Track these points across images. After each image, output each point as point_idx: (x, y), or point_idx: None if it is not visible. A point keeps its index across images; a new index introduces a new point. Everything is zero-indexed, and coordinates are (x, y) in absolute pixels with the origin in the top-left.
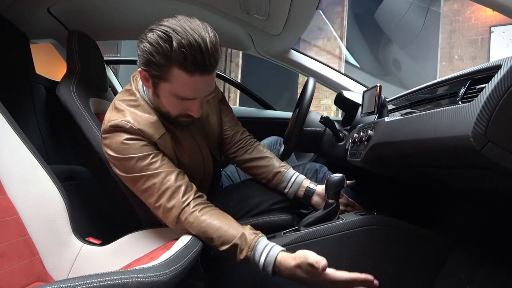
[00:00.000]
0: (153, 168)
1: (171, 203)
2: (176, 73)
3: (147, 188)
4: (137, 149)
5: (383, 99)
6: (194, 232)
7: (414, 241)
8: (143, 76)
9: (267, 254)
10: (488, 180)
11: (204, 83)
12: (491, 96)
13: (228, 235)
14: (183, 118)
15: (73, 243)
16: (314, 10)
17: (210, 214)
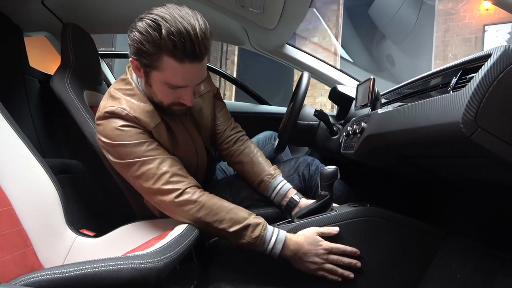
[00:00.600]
0: (149, 155)
1: (169, 186)
2: (166, 61)
3: (142, 174)
4: (133, 136)
5: (376, 92)
6: (203, 213)
7: (406, 232)
8: (135, 66)
9: (278, 233)
10: (479, 169)
11: (194, 70)
12: (480, 84)
13: (239, 217)
14: (176, 107)
15: (67, 235)
16: (309, 4)
17: (217, 198)
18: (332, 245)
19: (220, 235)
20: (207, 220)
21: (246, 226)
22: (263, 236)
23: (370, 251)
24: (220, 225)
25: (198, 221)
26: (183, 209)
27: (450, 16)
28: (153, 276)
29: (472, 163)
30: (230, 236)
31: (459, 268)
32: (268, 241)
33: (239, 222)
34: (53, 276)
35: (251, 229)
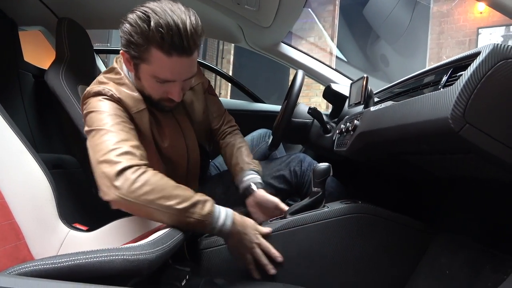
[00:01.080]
0: (117, 128)
1: (119, 158)
2: (154, 53)
3: (99, 143)
4: (111, 108)
5: (369, 91)
6: (147, 189)
7: (397, 229)
8: (125, 58)
9: (225, 209)
10: (468, 166)
11: (182, 65)
12: (469, 80)
13: (187, 194)
14: (165, 102)
15: (60, 229)
16: (303, 2)
17: (162, 175)
18: (263, 241)
19: (164, 216)
20: (150, 198)
21: (195, 203)
22: (213, 212)
23: (361, 247)
24: (167, 201)
25: (140, 199)
26: (124, 185)
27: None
28: (145, 268)
29: (461, 160)
30: (176, 215)
31: (448, 263)
32: (217, 217)
33: (188, 199)
34: (45, 266)
35: (200, 205)
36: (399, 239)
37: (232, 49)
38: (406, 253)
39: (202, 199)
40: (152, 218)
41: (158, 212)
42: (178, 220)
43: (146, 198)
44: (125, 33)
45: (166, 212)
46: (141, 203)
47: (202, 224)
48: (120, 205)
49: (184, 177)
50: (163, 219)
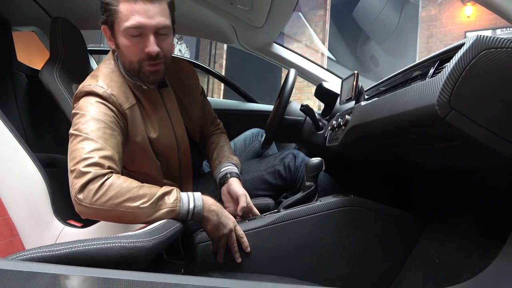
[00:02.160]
0: (96, 135)
1: (87, 169)
2: (122, 6)
3: (74, 150)
4: (98, 111)
5: (360, 87)
6: (112, 193)
7: (388, 221)
8: (107, 36)
9: (193, 194)
10: (455, 153)
11: (148, 8)
12: (454, 69)
13: (152, 190)
14: (147, 64)
15: (54, 225)
16: (295, 2)
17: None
18: (239, 229)
19: (135, 216)
20: (116, 201)
21: (162, 195)
22: (181, 198)
23: (353, 240)
24: (133, 203)
25: (106, 205)
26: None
27: (433, 22)
28: (142, 255)
29: (448, 148)
30: (147, 212)
31: (438, 253)
32: (187, 202)
33: (154, 194)
34: (42, 254)
35: (167, 196)
36: (390, 231)
37: (224, 53)
38: (397, 244)
39: (167, 190)
40: (124, 221)
41: (127, 213)
42: (150, 217)
43: (112, 202)
44: (101, 2)
45: (135, 212)
46: (108, 209)
47: (174, 212)
48: (88, 215)
49: (177, 173)
50: (135, 219)
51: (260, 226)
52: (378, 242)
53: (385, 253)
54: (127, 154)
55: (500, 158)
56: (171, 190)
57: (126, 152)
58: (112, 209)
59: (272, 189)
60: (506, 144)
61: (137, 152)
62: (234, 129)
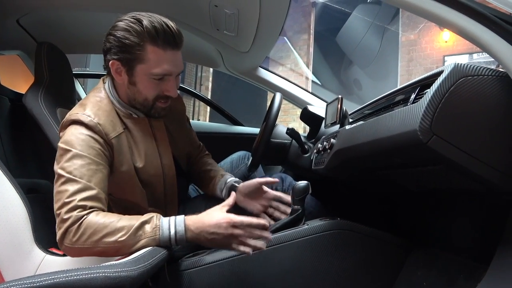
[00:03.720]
0: (79, 174)
1: (68, 214)
2: (150, 50)
3: (59, 191)
4: (82, 146)
5: (344, 111)
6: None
7: (375, 244)
8: (115, 69)
9: (175, 219)
10: (438, 177)
11: (176, 57)
12: (434, 95)
13: (131, 222)
14: (160, 102)
15: (35, 253)
16: (280, 28)
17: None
18: (236, 219)
19: (116, 250)
20: (95, 238)
21: (141, 225)
22: (161, 224)
23: (341, 263)
24: (112, 237)
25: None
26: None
27: (413, 47)
28: (127, 285)
29: (431, 172)
30: (127, 244)
31: (424, 275)
32: (168, 228)
33: (132, 225)
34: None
35: (146, 224)
36: (377, 254)
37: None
38: (385, 267)
39: (146, 219)
40: (108, 255)
41: (109, 248)
42: (131, 248)
43: (91, 240)
44: (116, 39)
45: (115, 246)
46: (89, 246)
47: (154, 240)
48: (73, 255)
49: (162, 200)
50: (118, 252)
51: None
52: (365, 265)
53: (372, 277)
54: (113, 182)
55: (482, 181)
56: (150, 218)
57: (111, 180)
58: (93, 247)
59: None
60: (486, 167)
61: (122, 180)
62: (220, 152)
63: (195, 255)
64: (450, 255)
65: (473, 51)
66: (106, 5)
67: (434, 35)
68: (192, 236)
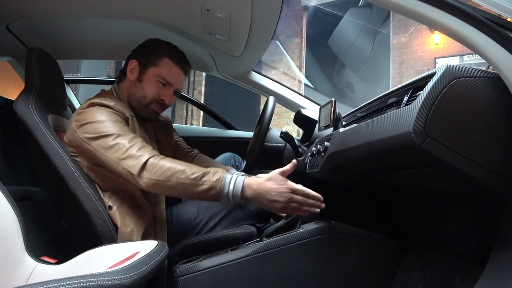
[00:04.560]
0: (123, 130)
1: (140, 151)
2: (166, 61)
3: (115, 144)
4: (110, 115)
5: (338, 113)
6: (168, 165)
7: (370, 246)
8: (131, 67)
9: (236, 177)
10: (432, 179)
11: (181, 77)
12: (427, 97)
13: (197, 168)
14: (154, 105)
15: (26, 262)
16: (273, 32)
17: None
18: (296, 186)
19: (183, 188)
20: (169, 174)
21: (206, 172)
22: (223, 178)
23: (336, 266)
24: (182, 174)
25: (163, 177)
26: (149, 171)
27: (404, 49)
28: None
29: (425, 174)
30: (191, 184)
31: (420, 278)
32: (228, 183)
33: (200, 170)
34: None
35: (211, 173)
36: (373, 257)
37: (203, 80)
38: (380, 270)
39: (212, 170)
40: (175, 192)
41: (179, 184)
42: (196, 189)
43: (166, 174)
44: (147, 45)
45: (185, 182)
46: (164, 179)
47: (214, 191)
48: (150, 186)
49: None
50: (185, 190)
51: (243, 256)
52: (361, 268)
53: (368, 279)
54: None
55: (475, 183)
56: (216, 171)
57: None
58: (167, 180)
59: (253, 216)
60: (480, 169)
61: None
62: (214, 156)
63: (190, 261)
64: (445, 256)
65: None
66: (97, 11)
67: (425, 38)
68: (251, 195)
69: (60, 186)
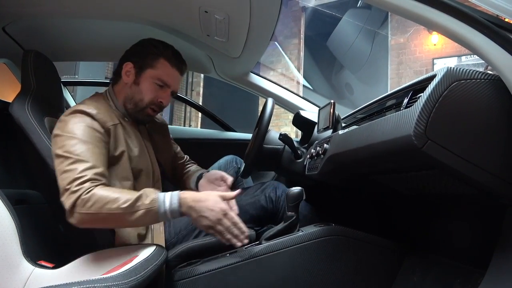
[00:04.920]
0: (85, 156)
1: (80, 186)
2: (162, 62)
3: (67, 170)
4: (84, 132)
5: (337, 115)
6: (95, 198)
7: (370, 249)
8: (126, 70)
9: (170, 194)
10: (432, 182)
11: (178, 78)
12: (428, 100)
13: (130, 194)
14: (151, 109)
15: (24, 267)
16: (271, 33)
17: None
18: (229, 212)
19: (117, 218)
20: (98, 205)
21: (139, 197)
22: (157, 198)
23: (336, 269)
24: (113, 204)
25: (91, 209)
26: (79, 205)
27: (402, 50)
28: None
29: (426, 176)
30: (126, 213)
31: (420, 282)
32: (163, 200)
33: (131, 196)
34: None
35: (144, 197)
36: (373, 260)
37: (201, 81)
38: (380, 273)
39: (145, 192)
40: (109, 224)
41: (111, 215)
42: (130, 218)
43: (96, 206)
44: (142, 46)
45: (116, 213)
46: (94, 212)
47: (151, 212)
48: (82, 221)
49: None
50: (119, 221)
51: (242, 259)
52: (361, 271)
53: (368, 282)
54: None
55: (477, 185)
56: (149, 192)
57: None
58: (97, 212)
59: (253, 220)
60: (481, 171)
61: (117, 166)
62: (212, 158)
63: (188, 265)
64: (446, 259)
65: (461, 53)
66: (94, 13)
67: (423, 38)
68: (185, 210)
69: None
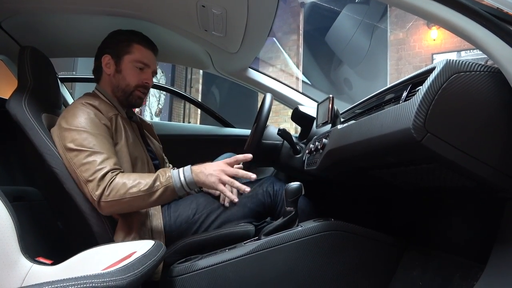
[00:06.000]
0: (98, 148)
1: (106, 176)
2: (136, 46)
3: (86, 163)
4: (90, 125)
5: (336, 110)
6: (121, 182)
7: (369, 244)
8: (106, 62)
9: (183, 168)
10: (432, 175)
11: (154, 59)
12: (427, 93)
13: (149, 175)
14: (139, 91)
15: (22, 263)
16: (269, 29)
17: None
18: (229, 169)
19: (139, 201)
20: (122, 192)
21: (156, 178)
22: (172, 174)
23: (335, 264)
24: (135, 189)
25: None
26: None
27: (402, 46)
28: None
29: (425, 170)
30: (146, 194)
31: (420, 275)
32: (178, 176)
33: (149, 179)
34: None
35: (160, 177)
36: (372, 255)
37: (200, 78)
38: (380, 268)
39: (160, 172)
40: (133, 207)
41: (134, 199)
42: (151, 198)
43: (119, 193)
44: (111, 37)
45: (139, 196)
46: (119, 199)
47: (170, 189)
48: (109, 208)
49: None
50: (141, 203)
51: (241, 255)
52: (360, 266)
53: (367, 277)
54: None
55: (475, 178)
56: (163, 171)
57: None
58: (122, 198)
59: (251, 214)
60: (480, 164)
61: (117, 155)
62: (211, 154)
63: (187, 261)
64: (445, 254)
65: (461, 48)
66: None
67: (422, 34)
68: (197, 177)
69: (56, 186)
